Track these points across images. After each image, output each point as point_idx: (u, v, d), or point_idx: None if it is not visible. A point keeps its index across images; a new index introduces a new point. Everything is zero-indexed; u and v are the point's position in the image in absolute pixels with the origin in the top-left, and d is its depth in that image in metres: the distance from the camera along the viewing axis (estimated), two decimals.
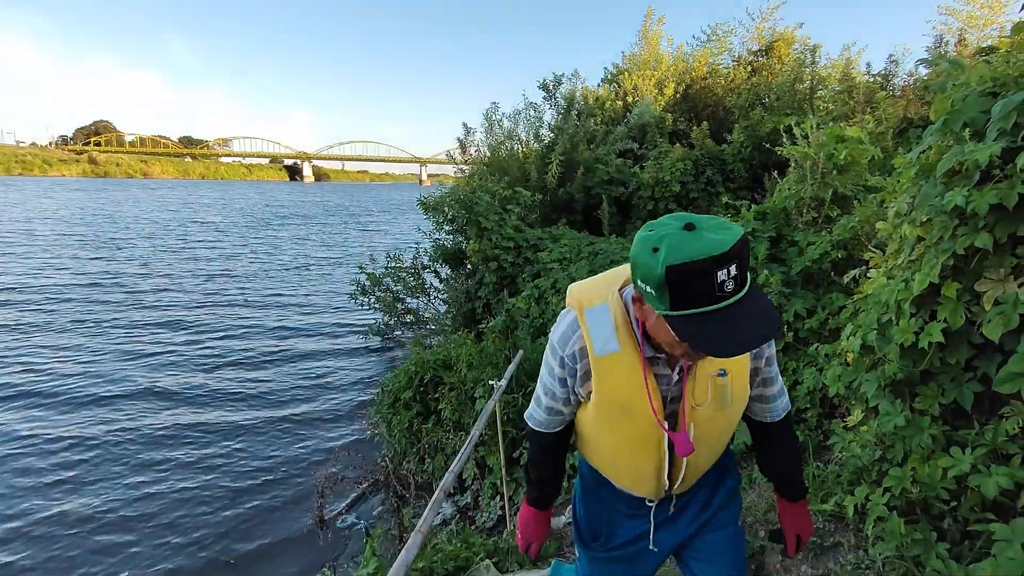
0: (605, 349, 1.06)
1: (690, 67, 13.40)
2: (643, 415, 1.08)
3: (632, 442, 1.14)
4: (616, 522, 1.33)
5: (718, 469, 1.33)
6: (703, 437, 1.13)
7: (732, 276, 0.82)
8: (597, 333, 1.07)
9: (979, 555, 1.72)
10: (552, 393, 1.19)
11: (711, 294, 0.82)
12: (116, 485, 5.70)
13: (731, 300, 0.83)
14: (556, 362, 1.13)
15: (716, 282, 0.82)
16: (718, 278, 0.82)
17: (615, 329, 1.06)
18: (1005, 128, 1.72)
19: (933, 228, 1.97)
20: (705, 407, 1.09)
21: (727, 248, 0.81)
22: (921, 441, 1.94)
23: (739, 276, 0.83)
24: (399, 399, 5.56)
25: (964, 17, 9.83)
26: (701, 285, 0.82)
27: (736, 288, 0.84)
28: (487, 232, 7.43)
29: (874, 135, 5.35)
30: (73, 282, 14.83)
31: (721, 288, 0.82)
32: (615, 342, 1.06)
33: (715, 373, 1.08)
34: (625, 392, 1.08)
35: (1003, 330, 1.67)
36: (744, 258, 0.84)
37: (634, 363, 1.06)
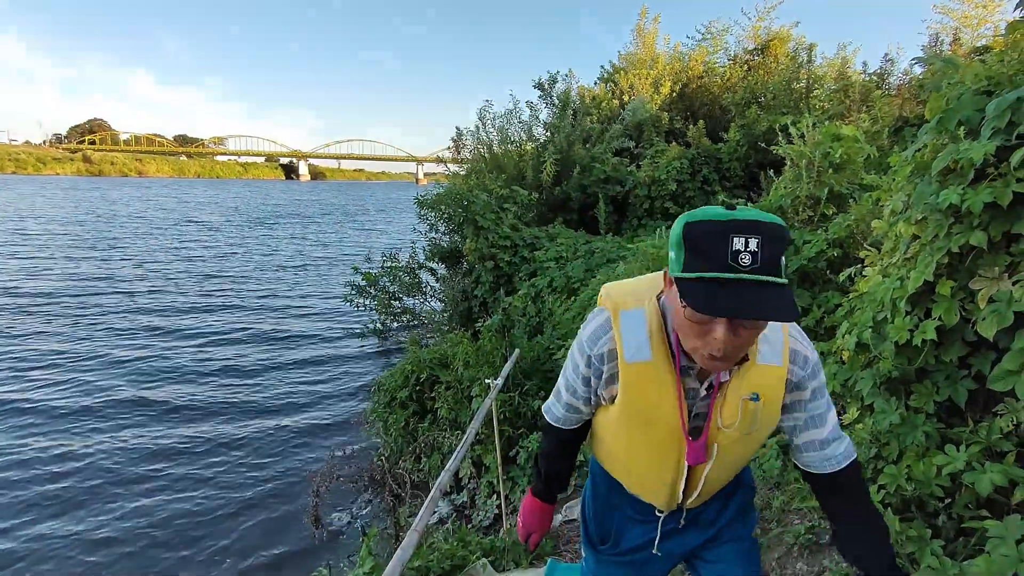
0: (636, 356, 1.02)
1: (686, 66, 13.42)
2: (666, 427, 1.05)
3: (651, 452, 1.12)
4: (625, 527, 1.32)
5: (733, 483, 1.29)
6: (723, 458, 1.09)
7: (751, 250, 0.79)
8: (630, 338, 1.02)
9: (973, 552, 1.73)
10: (574, 390, 1.16)
11: (722, 260, 0.79)
12: (110, 485, 5.68)
13: (743, 275, 0.79)
14: (582, 360, 1.09)
15: (730, 248, 0.79)
16: (733, 244, 0.79)
17: (649, 336, 1.02)
18: (999, 126, 1.73)
19: (928, 226, 1.98)
20: (732, 430, 1.05)
21: (751, 219, 0.80)
22: (916, 439, 1.95)
23: (759, 255, 0.79)
24: (395, 398, 5.55)
25: (959, 16, 9.87)
26: (715, 247, 0.80)
27: (753, 266, 0.79)
28: (484, 231, 7.44)
29: (870, 134, 5.37)
30: (64, 284, 14.59)
31: (735, 257, 0.79)
32: (648, 350, 1.01)
33: (747, 396, 1.02)
34: (651, 403, 1.04)
35: (997, 328, 1.68)
36: (773, 242, 0.80)
37: (665, 374, 1.02)
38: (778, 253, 0.81)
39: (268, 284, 16.24)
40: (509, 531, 3.26)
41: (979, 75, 1.97)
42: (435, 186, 8.81)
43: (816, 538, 2.24)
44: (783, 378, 1.03)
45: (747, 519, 1.33)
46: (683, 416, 1.02)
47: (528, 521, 1.42)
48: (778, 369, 1.02)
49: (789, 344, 1.03)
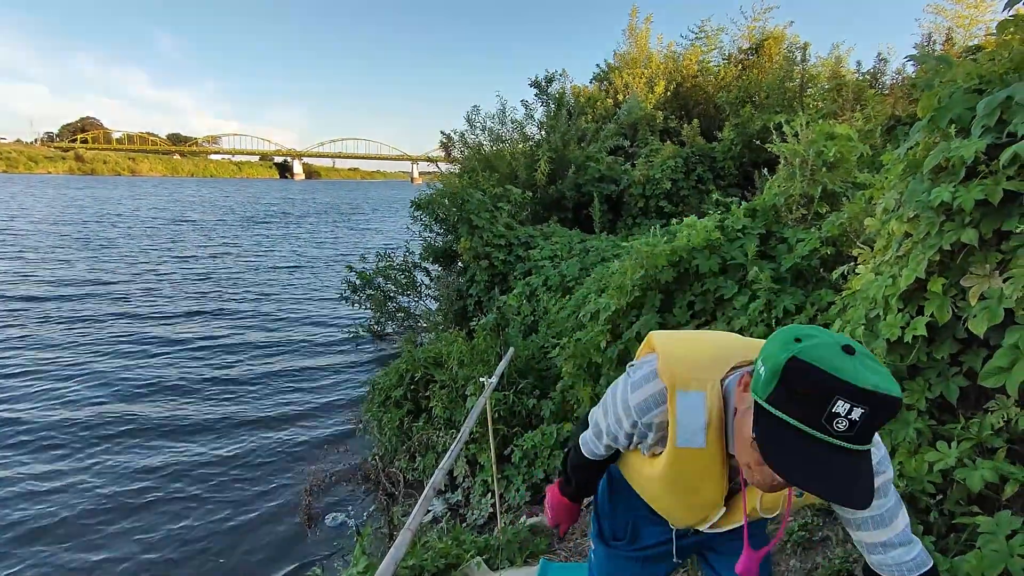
0: (689, 443, 0.95)
1: (680, 65, 13.46)
2: (705, 497, 1.04)
3: (683, 508, 1.13)
4: (639, 525, 1.33)
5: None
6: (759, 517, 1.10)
7: (850, 419, 0.69)
8: (685, 425, 0.94)
9: (964, 548, 1.74)
10: (615, 438, 1.12)
11: (815, 416, 0.71)
12: (103, 484, 5.64)
13: (831, 439, 0.71)
14: (627, 420, 1.03)
15: (829, 409, 0.70)
16: (834, 406, 0.69)
17: (706, 426, 0.93)
18: (989, 125, 1.74)
19: (920, 224, 1.99)
20: (769, 512, 1.05)
21: (867, 387, 0.69)
22: (908, 435, 1.95)
23: (859, 429, 0.70)
24: (390, 397, 5.54)
25: (952, 16, 9.93)
26: (813, 398, 0.71)
27: (847, 434, 0.70)
28: (478, 230, 7.43)
29: (863, 132, 5.39)
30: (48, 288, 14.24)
31: (830, 419, 0.70)
32: (702, 439, 0.94)
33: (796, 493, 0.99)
34: (694, 482, 1.02)
35: (988, 325, 1.69)
36: (878, 416, 0.70)
37: (715, 461, 0.97)
38: (879, 426, 0.72)
39: (262, 284, 16.17)
40: (504, 530, 3.26)
41: (971, 74, 1.98)
42: (427, 186, 8.79)
43: (809, 535, 2.24)
44: None
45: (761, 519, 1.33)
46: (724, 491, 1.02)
47: (557, 514, 1.45)
48: None
49: None
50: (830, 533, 2.21)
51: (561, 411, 4.40)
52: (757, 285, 3.45)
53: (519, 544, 3.03)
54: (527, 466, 4.21)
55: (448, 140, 10.98)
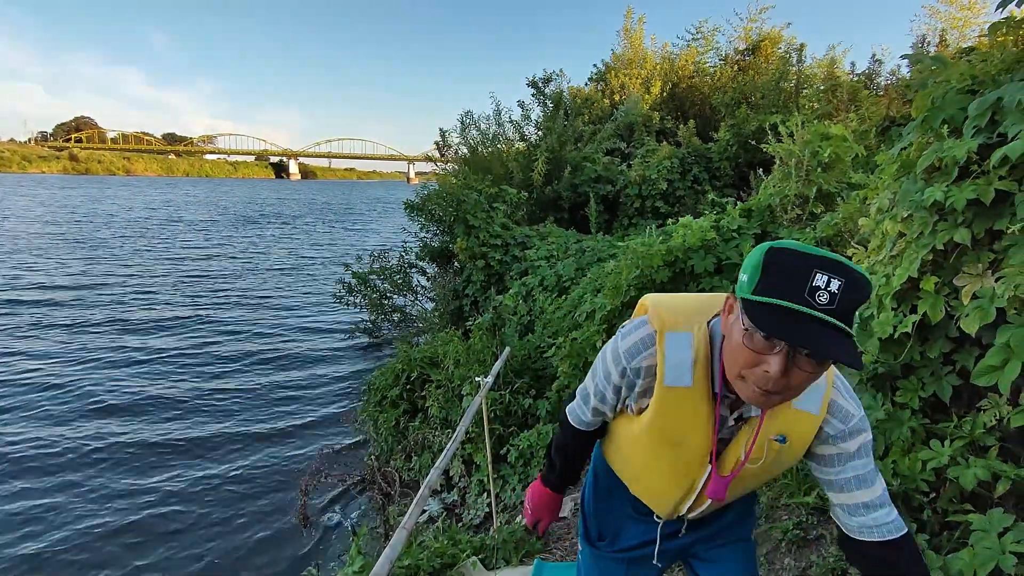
0: (677, 381, 0.98)
1: (676, 66, 13.49)
2: (692, 452, 1.04)
3: (669, 471, 1.11)
4: (623, 525, 1.32)
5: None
6: (737, 487, 1.08)
7: (830, 290, 0.75)
8: (673, 362, 0.98)
9: (957, 545, 1.75)
10: (602, 396, 1.13)
11: (799, 292, 0.76)
12: (98, 486, 5.61)
13: (816, 312, 0.75)
14: (616, 370, 1.05)
15: (810, 282, 0.76)
16: (814, 279, 0.75)
17: (693, 363, 0.97)
18: (981, 125, 1.75)
19: (913, 223, 2.00)
20: (755, 466, 1.03)
21: (839, 262, 0.76)
22: (901, 434, 1.97)
23: (838, 297, 0.75)
24: (386, 397, 5.54)
25: (945, 18, 10.00)
26: (793, 277, 0.77)
27: (829, 306, 0.75)
28: (475, 230, 7.43)
29: (857, 133, 5.42)
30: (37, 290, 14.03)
31: (812, 293, 0.75)
32: (689, 377, 0.98)
33: (774, 437, 0.99)
34: (682, 428, 1.02)
35: (980, 324, 1.70)
36: (854, 290, 0.76)
37: (702, 402, 0.99)
38: (857, 303, 0.77)
39: (256, 285, 16.12)
40: (499, 529, 3.26)
41: (964, 74, 2.00)
42: (423, 186, 8.77)
43: (804, 534, 2.25)
44: (815, 426, 0.99)
45: (748, 521, 1.33)
46: (714, 445, 1.01)
47: (537, 508, 1.43)
48: (813, 417, 0.98)
49: (831, 395, 0.99)
50: (824, 532, 2.22)
51: (557, 411, 4.40)
52: None
53: (515, 544, 3.03)
54: (523, 466, 4.21)
55: (443, 142, 10.98)
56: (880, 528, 0.99)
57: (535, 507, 1.43)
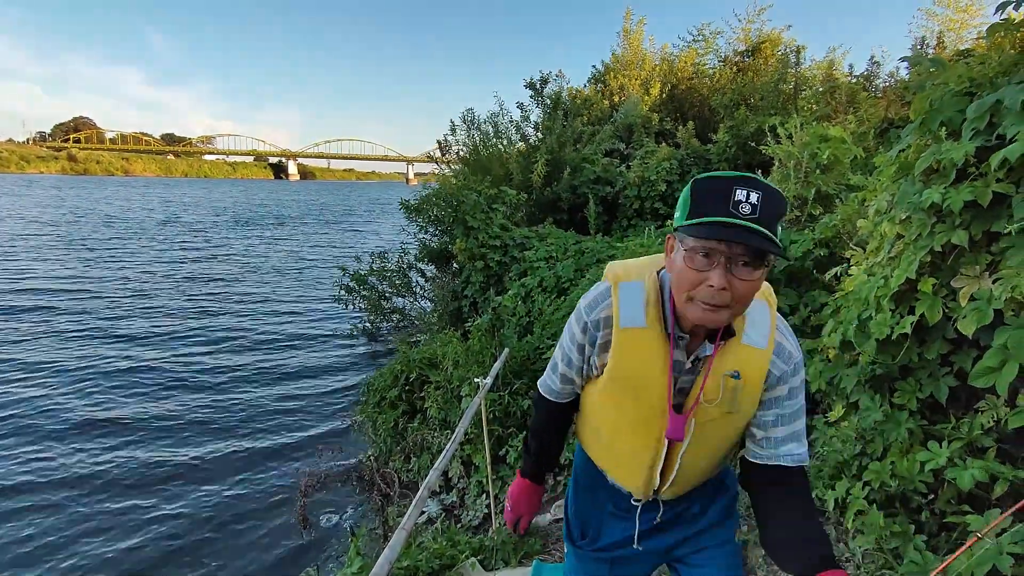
0: (631, 323, 1.06)
1: (676, 67, 13.51)
2: (652, 396, 1.06)
3: (634, 426, 1.12)
4: (604, 522, 1.32)
5: (714, 484, 1.30)
6: (701, 438, 1.09)
7: (751, 202, 0.86)
8: (627, 305, 1.06)
9: (955, 546, 1.75)
10: (568, 360, 1.17)
11: (724, 207, 0.86)
12: (97, 487, 5.61)
13: (742, 221, 0.85)
14: (579, 327, 1.12)
15: (732, 198, 0.86)
16: (735, 195, 0.86)
17: (645, 305, 1.06)
18: (979, 128, 1.76)
19: (911, 225, 2.01)
20: (712, 406, 1.06)
21: (755, 178, 0.88)
22: (899, 435, 1.97)
23: (760, 208, 0.86)
24: (384, 398, 5.53)
25: (942, 20, 10.02)
26: (718, 196, 0.87)
27: (752, 215, 0.86)
28: (474, 231, 7.42)
29: (856, 135, 5.43)
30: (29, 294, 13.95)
31: (736, 206, 0.86)
32: (643, 318, 1.05)
33: (729, 372, 1.03)
34: (640, 370, 1.06)
35: (977, 325, 1.71)
36: (772, 201, 0.87)
37: (656, 343, 1.05)
38: (776, 212, 0.88)
39: (256, 285, 16.11)
40: (498, 530, 3.26)
41: (962, 77, 2.01)
42: (422, 187, 8.77)
43: None
44: (766, 361, 1.05)
45: (731, 522, 1.33)
46: (669, 385, 1.04)
47: (517, 505, 1.42)
48: (762, 352, 1.04)
49: (775, 336, 1.06)
50: None
51: None
52: None
53: (513, 545, 3.03)
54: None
55: (445, 142, 10.98)
56: (789, 456, 1.07)
57: (514, 502, 1.42)
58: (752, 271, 0.90)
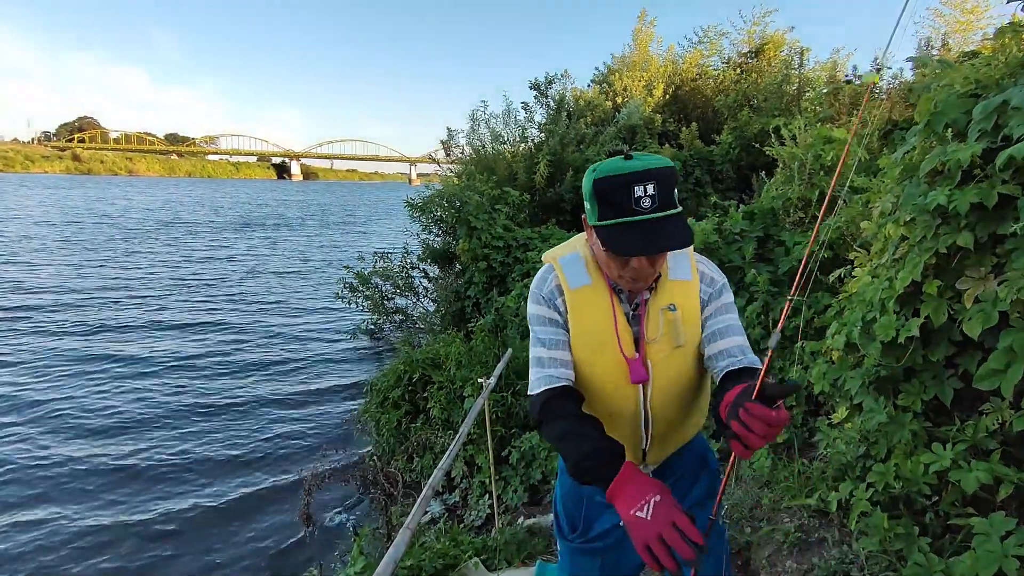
0: (578, 282, 1.17)
1: (680, 68, 13.48)
2: (613, 346, 1.14)
3: (608, 380, 1.16)
4: (593, 513, 1.34)
5: (697, 458, 1.35)
6: (663, 378, 1.16)
7: (649, 194, 0.97)
8: (570, 272, 1.18)
9: (960, 549, 1.75)
10: (545, 339, 1.17)
11: (627, 206, 0.98)
12: (98, 485, 5.63)
13: (647, 216, 0.97)
14: (541, 306, 1.19)
15: (633, 196, 0.97)
16: (635, 192, 0.97)
17: (586, 266, 1.18)
18: (986, 129, 1.75)
19: (916, 227, 2.00)
20: (658, 341, 1.14)
21: (646, 168, 0.98)
22: (903, 437, 1.97)
23: (657, 196, 0.98)
24: (388, 398, 5.54)
25: (948, 21, 9.99)
26: (620, 197, 0.98)
27: (653, 206, 0.97)
28: (477, 231, 7.43)
29: (859, 137, 5.41)
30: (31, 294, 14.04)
31: (638, 203, 0.97)
32: (587, 276, 1.17)
33: (665, 307, 1.14)
34: (599, 324, 1.15)
35: (983, 327, 1.70)
36: (666, 183, 0.98)
37: (604, 295, 1.16)
38: (670, 189, 1.00)
39: (257, 287, 16.15)
40: (501, 530, 3.26)
41: (968, 78, 2.00)
42: (425, 188, 8.76)
43: (805, 536, 2.26)
44: (696, 290, 1.18)
45: (709, 503, 1.33)
46: (617, 323, 1.14)
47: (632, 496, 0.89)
48: (689, 283, 1.18)
49: (697, 267, 1.20)
50: (826, 535, 2.22)
51: None
52: (755, 288, 3.47)
53: (516, 545, 3.04)
54: (525, 467, 4.21)
55: (449, 140, 10.96)
56: (747, 359, 1.14)
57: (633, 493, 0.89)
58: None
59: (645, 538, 0.82)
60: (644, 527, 0.83)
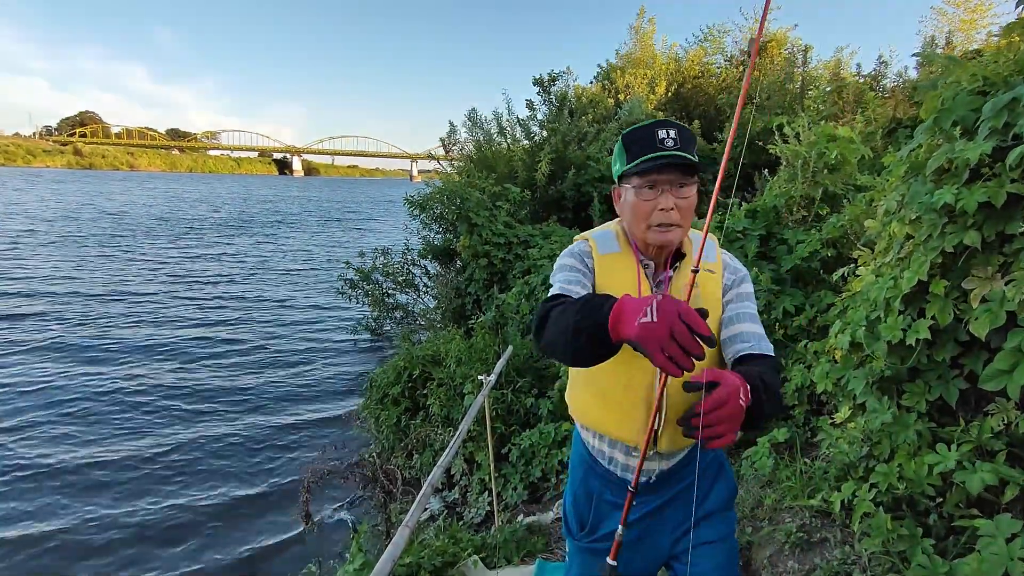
0: (608, 249, 1.26)
1: (682, 66, 13.44)
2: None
3: (624, 352, 0.97)
4: (602, 513, 1.32)
5: (714, 463, 1.31)
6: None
7: (672, 136, 1.11)
8: (601, 242, 1.27)
9: (964, 551, 1.73)
10: (569, 278, 1.22)
11: (652, 144, 1.11)
12: (96, 482, 5.62)
13: (671, 151, 1.10)
14: (569, 259, 1.27)
15: (657, 137, 1.11)
16: (659, 135, 1.11)
17: (616, 237, 1.27)
18: (996, 127, 1.73)
19: (922, 226, 1.98)
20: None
21: (670, 121, 1.14)
22: (907, 438, 1.95)
23: (679, 139, 1.11)
24: (387, 395, 5.53)
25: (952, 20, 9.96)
26: (646, 139, 1.12)
27: (676, 146, 1.10)
28: (477, 228, 7.41)
29: (863, 135, 5.39)
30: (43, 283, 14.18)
31: (662, 143, 1.11)
32: (616, 245, 1.26)
33: (686, 283, 1.06)
34: (619, 288, 1.18)
35: (990, 327, 1.68)
36: (686, 134, 1.13)
37: (631, 262, 1.23)
38: (691, 140, 1.14)
39: (258, 282, 16.14)
40: (501, 528, 3.25)
41: (976, 75, 1.98)
42: (425, 185, 8.73)
43: (807, 536, 2.24)
44: (719, 275, 1.23)
45: (730, 516, 1.33)
46: (640, 291, 1.19)
47: (633, 312, 0.84)
48: (713, 264, 1.23)
49: (722, 257, 1.27)
50: (828, 535, 2.20)
51: (559, 410, 4.39)
52: (757, 287, 3.45)
53: (516, 543, 3.03)
54: (524, 465, 4.20)
55: (449, 138, 10.93)
56: (759, 346, 1.16)
57: (633, 308, 0.84)
58: (687, 188, 1.14)
59: (659, 340, 0.77)
60: (653, 329, 0.78)
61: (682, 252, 1.23)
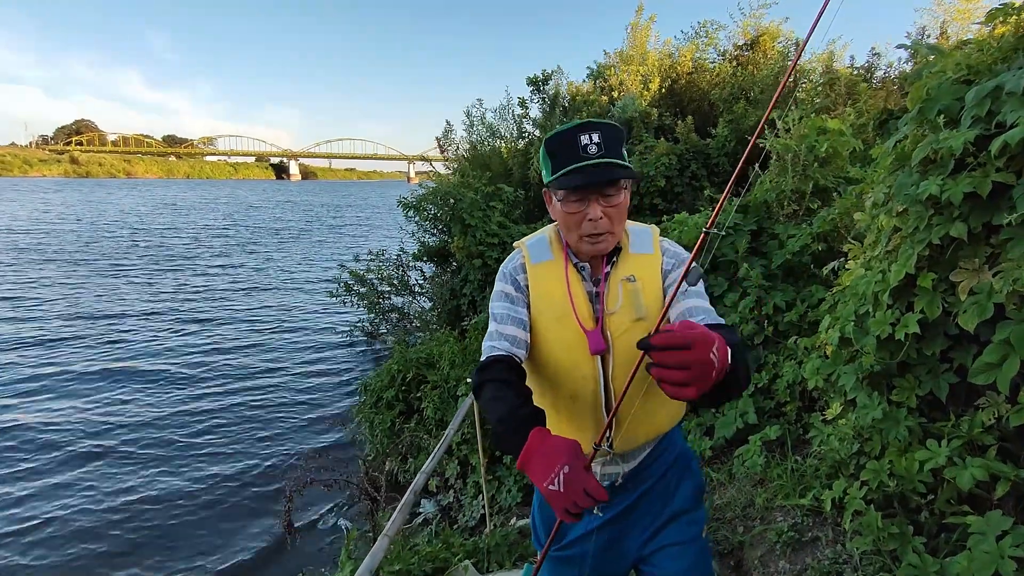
0: (540, 259, 1.22)
1: (676, 62, 13.39)
2: (571, 319, 1.14)
3: (567, 355, 1.14)
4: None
5: (678, 461, 1.28)
6: (625, 352, 1.12)
7: (595, 142, 1.06)
8: (534, 250, 1.24)
9: (955, 548, 1.70)
10: (499, 315, 1.18)
11: (575, 153, 1.06)
12: (83, 492, 5.58)
13: (594, 160, 1.05)
14: (502, 283, 1.23)
15: (579, 143, 1.06)
16: (580, 140, 1.06)
17: (550, 244, 1.23)
18: (980, 115, 1.69)
19: (909, 218, 1.94)
20: (618, 313, 1.13)
21: (593, 121, 1.09)
22: (898, 434, 1.92)
23: (603, 144, 1.06)
24: (381, 398, 5.50)
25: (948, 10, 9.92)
26: (568, 147, 1.07)
27: (599, 153, 1.06)
28: (471, 229, 7.37)
29: (855, 127, 5.35)
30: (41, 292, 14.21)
31: (584, 150, 1.06)
32: (549, 253, 1.22)
33: (625, 278, 1.15)
34: (556, 296, 1.16)
35: (978, 320, 1.65)
36: (610, 134, 1.08)
37: (563, 269, 1.19)
38: (617, 143, 1.09)
39: (253, 285, 16.09)
40: (493, 532, 3.21)
41: (960, 64, 1.94)
42: (420, 186, 8.68)
43: (799, 536, 2.21)
44: (657, 263, 1.19)
45: (699, 514, 1.30)
46: (574, 301, 1.15)
47: (542, 465, 0.87)
48: (650, 256, 1.19)
49: (660, 244, 1.22)
50: (820, 534, 2.17)
51: None
52: (748, 282, 3.41)
53: (508, 547, 2.99)
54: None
55: (445, 137, 10.89)
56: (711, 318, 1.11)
57: (542, 465, 0.87)
58: (616, 196, 1.09)
59: (563, 506, 0.86)
60: (559, 498, 0.85)
61: (618, 246, 1.18)
